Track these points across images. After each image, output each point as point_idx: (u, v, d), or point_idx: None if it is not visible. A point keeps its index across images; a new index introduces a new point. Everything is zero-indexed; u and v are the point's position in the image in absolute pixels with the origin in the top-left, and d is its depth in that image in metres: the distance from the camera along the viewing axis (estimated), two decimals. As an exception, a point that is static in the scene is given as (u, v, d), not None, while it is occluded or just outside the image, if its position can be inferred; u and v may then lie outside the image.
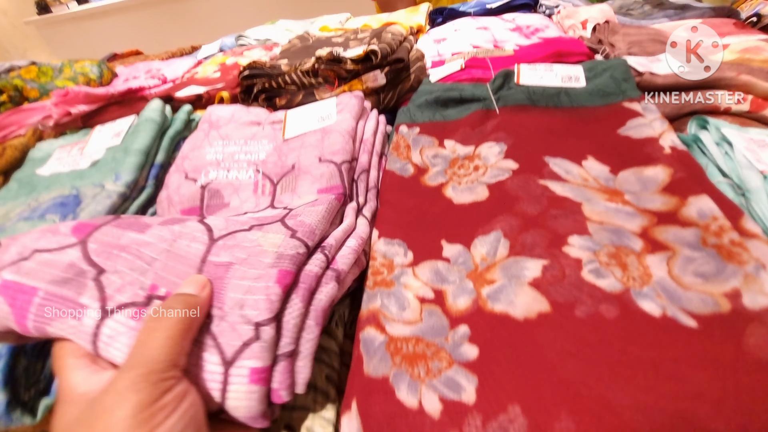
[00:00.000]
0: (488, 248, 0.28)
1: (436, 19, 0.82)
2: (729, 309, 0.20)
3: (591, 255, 0.25)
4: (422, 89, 0.45)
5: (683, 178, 0.27)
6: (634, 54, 0.49)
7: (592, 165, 0.31)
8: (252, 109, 0.45)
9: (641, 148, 0.31)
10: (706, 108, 0.40)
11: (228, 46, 0.87)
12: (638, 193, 0.28)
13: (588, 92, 0.37)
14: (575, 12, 0.71)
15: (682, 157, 0.30)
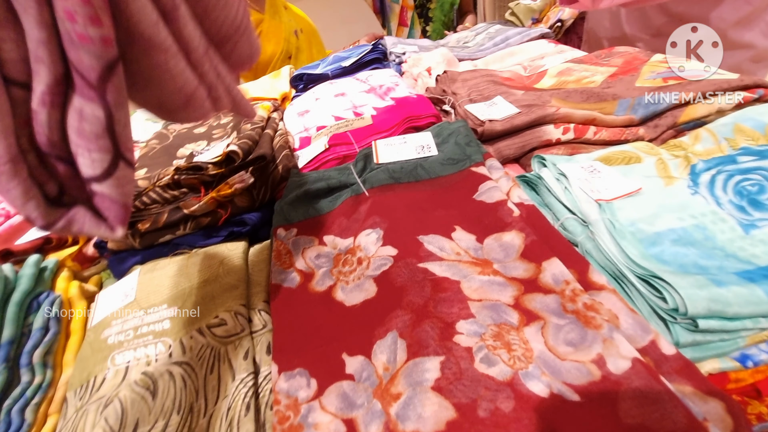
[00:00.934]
0: (388, 354, 0.28)
1: (298, 86, 0.83)
2: (600, 376, 0.23)
3: (478, 340, 0.27)
4: (291, 183, 0.45)
5: (534, 242, 0.30)
6: (474, 100, 0.55)
7: (461, 236, 0.33)
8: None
9: (495, 212, 0.34)
10: (542, 143, 0.46)
11: (78, 155, 0.78)
12: (503, 261, 0.30)
13: (440, 162, 0.40)
14: (419, 60, 0.77)
15: (530, 214, 0.33)
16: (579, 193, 0.37)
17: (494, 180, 0.37)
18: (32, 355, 0.38)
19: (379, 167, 0.41)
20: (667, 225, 0.35)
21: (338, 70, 0.83)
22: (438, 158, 0.41)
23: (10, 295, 0.40)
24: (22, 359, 0.38)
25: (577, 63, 0.65)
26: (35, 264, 0.43)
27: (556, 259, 0.28)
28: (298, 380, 0.28)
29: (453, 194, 0.37)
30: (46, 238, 0.47)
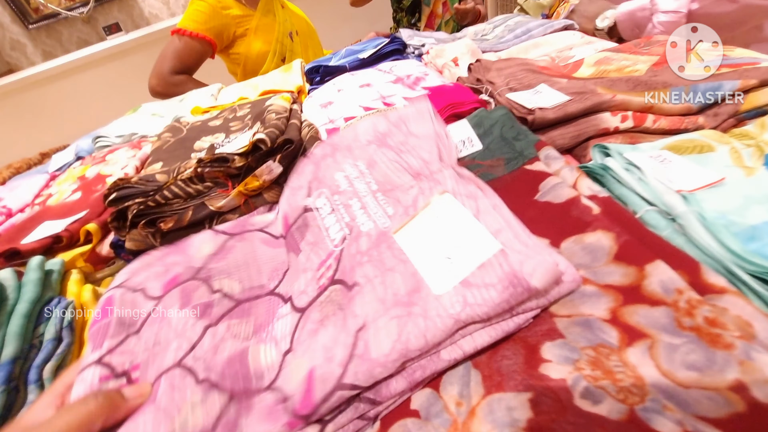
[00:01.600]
0: (460, 387, 0.24)
1: (314, 78, 0.79)
2: (744, 407, 0.19)
3: (572, 369, 0.22)
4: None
5: (629, 242, 0.26)
6: (514, 88, 0.51)
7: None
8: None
9: (569, 212, 0.30)
10: (599, 131, 0.43)
11: (85, 150, 0.74)
12: (591, 266, 0.26)
13: (488, 165, 0.36)
14: (442, 50, 0.74)
15: (609, 207, 0.29)
16: (657, 184, 0.34)
17: (555, 174, 0.33)
18: (42, 370, 0.34)
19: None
20: (761, 217, 0.31)
21: (356, 62, 0.79)
22: (485, 157, 0.37)
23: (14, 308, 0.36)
24: (30, 375, 0.33)
25: (615, 52, 0.62)
26: (39, 267, 0.38)
27: (661, 262, 0.24)
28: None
29: (510, 198, 0.33)
30: (55, 236, 0.43)
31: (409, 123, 0.34)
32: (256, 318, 0.30)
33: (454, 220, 0.27)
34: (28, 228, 0.49)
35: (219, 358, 0.27)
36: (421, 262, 0.26)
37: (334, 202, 0.33)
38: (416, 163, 0.31)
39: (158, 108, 0.91)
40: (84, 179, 0.59)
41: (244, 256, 0.34)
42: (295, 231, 0.33)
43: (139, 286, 0.33)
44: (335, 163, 0.34)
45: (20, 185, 0.66)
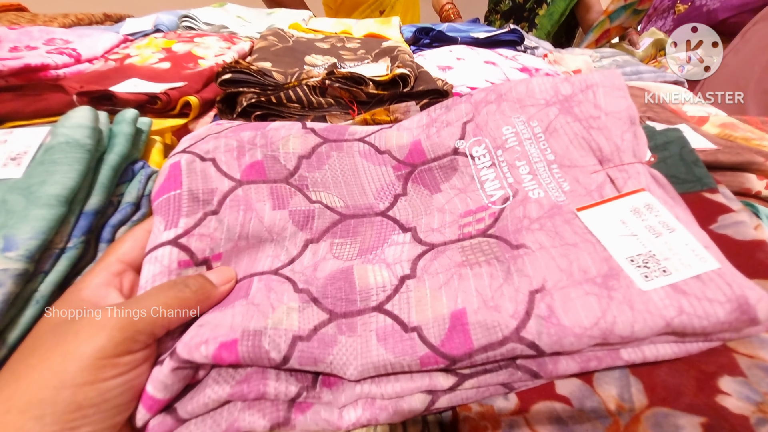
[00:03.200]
0: (619, 389, 0.21)
1: (423, 39, 0.75)
2: None
3: (755, 409, 0.20)
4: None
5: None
6: (652, 118, 0.48)
7: None
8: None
9: (753, 253, 0.27)
10: (741, 190, 0.40)
11: (166, 25, 0.69)
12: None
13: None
14: (562, 59, 0.71)
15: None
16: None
17: (737, 212, 0.30)
18: (117, 231, 0.30)
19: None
20: None
21: (468, 39, 0.75)
22: (659, 170, 0.34)
23: (103, 155, 0.32)
24: (104, 233, 0.30)
25: (741, 121, 0.60)
26: (133, 121, 0.34)
27: None
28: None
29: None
30: (153, 96, 0.38)
31: (598, 94, 0.29)
32: (363, 239, 0.26)
33: (657, 221, 0.24)
34: (113, 78, 0.44)
35: (320, 274, 0.24)
36: (616, 249, 0.23)
37: (496, 157, 0.29)
38: (607, 147, 0.27)
39: (244, 12, 0.85)
40: (171, 52, 0.54)
41: (343, 170, 0.29)
42: (437, 169, 0.29)
43: (208, 155, 0.27)
44: (501, 114, 0.30)
45: (91, 35, 0.60)
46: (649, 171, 0.26)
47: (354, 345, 0.20)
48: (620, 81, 0.29)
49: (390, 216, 0.27)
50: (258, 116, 0.38)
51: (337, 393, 0.20)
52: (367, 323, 0.21)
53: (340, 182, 0.29)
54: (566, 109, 0.28)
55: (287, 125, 0.31)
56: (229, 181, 0.27)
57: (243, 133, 0.30)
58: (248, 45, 0.58)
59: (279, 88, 0.38)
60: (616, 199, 0.25)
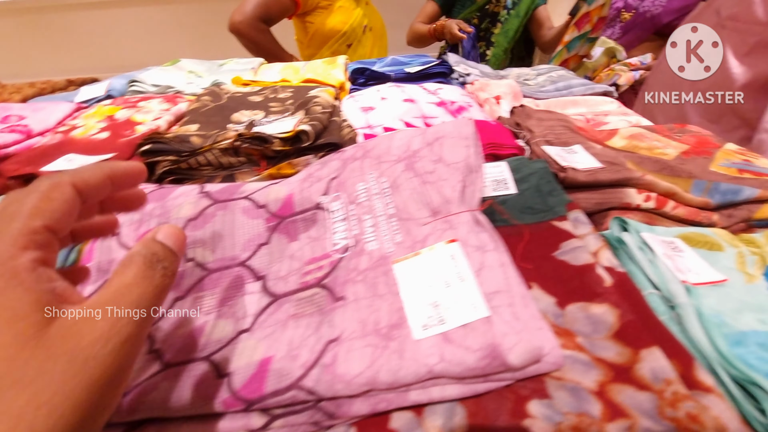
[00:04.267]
0: (443, 419, 0.24)
1: (358, 79, 0.81)
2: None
3: (554, 429, 0.23)
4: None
5: (632, 323, 0.27)
6: (551, 142, 0.53)
7: (539, 296, 0.30)
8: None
9: (581, 277, 0.31)
10: (621, 205, 0.44)
11: (117, 90, 0.74)
12: (590, 337, 0.27)
13: (519, 209, 0.37)
14: (487, 85, 0.76)
15: (623, 284, 0.31)
16: (665, 269, 0.35)
17: (579, 237, 0.34)
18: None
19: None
20: (750, 325, 0.33)
21: (402, 73, 0.80)
22: (516, 203, 0.38)
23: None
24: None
25: (649, 131, 0.64)
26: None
27: (657, 350, 0.26)
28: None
29: (529, 248, 0.34)
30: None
31: (444, 145, 0.33)
32: (221, 290, 0.30)
33: (454, 272, 0.27)
34: (51, 155, 0.49)
35: (180, 331, 0.28)
36: (410, 301, 0.26)
37: (349, 211, 0.33)
38: (437, 200, 0.31)
39: (197, 67, 0.91)
40: (113, 120, 0.59)
41: (223, 227, 0.33)
42: (300, 221, 0.33)
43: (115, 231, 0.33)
44: (360, 172, 0.34)
45: (45, 108, 0.66)
46: (474, 217, 0.30)
47: (169, 389, 0.24)
48: (467, 130, 0.34)
49: (248, 265, 0.31)
50: (172, 180, 0.42)
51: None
52: (190, 370, 0.25)
53: (216, 238, 0.33)
54: (410, 165, 0.33)
55: (187, 191, 0.36)
56: (124, 250, 0.32)
57: (148, 206, 0.35)
58: (186, 105, 0.63)
59: (193, 153, 0.43)
60: (426, 251, 0.28)
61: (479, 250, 0.28)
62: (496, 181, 0.40)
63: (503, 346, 0.23)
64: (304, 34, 1.31)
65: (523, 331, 0.24)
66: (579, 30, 1.35)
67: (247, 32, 1.13)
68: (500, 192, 0.39)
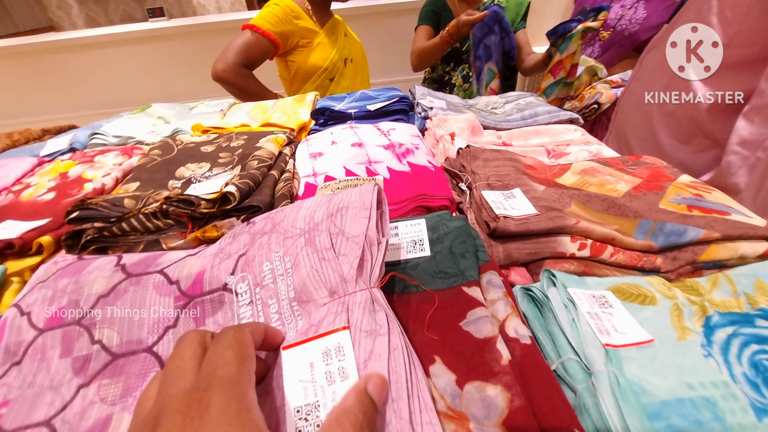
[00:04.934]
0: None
1: (319, 119, 0.81)
2: None
3: None
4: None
5: (519, 409, 0.26)
6: (492, 186, 0.52)
7: (440, 372, 0.29)
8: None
9: (482, 352, 0.30)
10: (555, 254, 0.43)
11: (80, 143, 0.76)
12: (481, 423, 0.26)
13: (430, 273, 0.36)
14: (444, 121, 0.76)
15: (525, 356, 0.29)
16: (587, 331, 0.34)
17: (486, 306, 0.33)
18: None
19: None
20: (675, 393, 0.31)
21: (362, 112, 0.81)
22: (428, 267, 0.37)
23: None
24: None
25: (603, 165, 0.63)
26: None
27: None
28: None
29: (437, 315, 0.33)
30: (7, 242, 0.43)
31: (347, 216, 0.32)
32: (126, 378, 0.30)
33: (338, 367, 0.25)
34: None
35: (83, 425, 0.27)
36: (292, 397, 0.25)
37: (255, 295, 0.32)
38: (334, 279, 0.29)
39: (166, 112, 0.93)
40: (65, 177, 0.60)
41: (132, 304, 0.33)
42: (207, 302, 0.33)
43: (27, 309, 0.33)
44: (267, 248, 0.33)
45: (7, 165, 0.67)
46: (371, 296, 0.29)
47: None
48: (369, 199, 0.33)
49: (154, 351, 0.31)
50: (96, 249, 0.42)
51: None
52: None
53: (125, 317, 0.32)
54: (310, 240, 0.32)
55: (103, 264, 0.36)
56: (34, 331, 0.32)
57: (61, 281, 0.35)
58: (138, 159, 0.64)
59: (120, 219, 0.43)
60: (316, 338, 0.27)
61: (370, 335, 0.26)
62: (413, 241, 0.39)
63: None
64: (287, 71, 1.33)
65: (402, 430, 0.23)
66: (554, 77, 1.39)
67: (231, 79, 1.15)
68: (415, 255, 0.38)
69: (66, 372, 0.30)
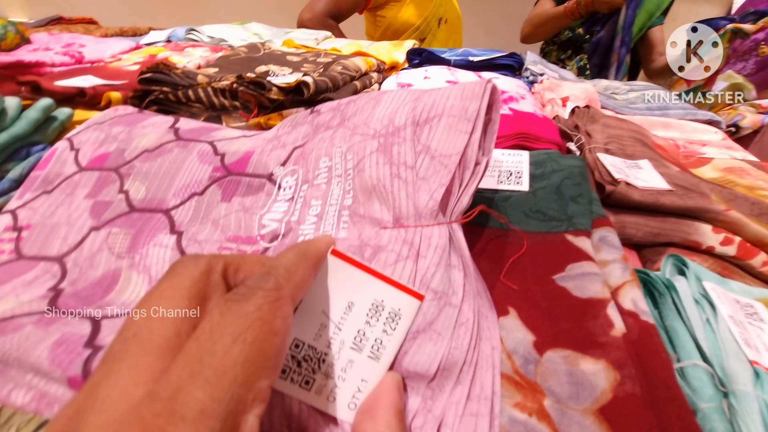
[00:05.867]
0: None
1: (413, 59, 0.74)
2: None
3: None
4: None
5: (630, 397, 0.17)
6: (611, 151, 0.42)
7: (512, 328, 0.21)
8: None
9: (584, 316, 0.21)
10: (686, 242, 0.33)
11: (177, 37, 0.76)
12: (565, 404, 0.18)
13: (524, 210, 0.28)
14: (558, 86, 0.65)
15: (643, 341, 0.20)
16: (727, 339, 0.24)
17: (596, 262, 0.24)
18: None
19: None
20: None
21: (463, 61, 0.72)
22: (522, 203, 0.29)
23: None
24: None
25: (756, 167, 0.49)
26: (42, 109, 0.37)
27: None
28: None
29: (523, 262, 0.25)
30: (80, 89, 0.42)
31: (436, 130, 0.24)
32: (136, 233, 0.26)
33: (378, 332, 0.17)
34: (76, 74, 0.49)
35: (92, 274, 0.24)
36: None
37: (299, 192, 0.26)
38: (405, 208, 0.21)
39: (263, 31, 0.91)
40: (152, 57, 0.59)
41: (170, 163, 0.29)
42: (244, 184, 0.27)
43: (77, 145, 0.32)
44: (330, 142, 0.27)
45: (108, 42, 0.69)
46: (452, 235, 0.21)
47: (32, 336, 0.19)
48: (474, 106, 0.24)
49: (170, 215, 0.26)
50: (158, 111, 0.39)
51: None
52: (70, 325, 0.20)
53: (158, 173, 0.28)
54: (385, 147, 0.24)
55: (158, 123, 0.33)
56: (76, 167, 0.30)
57: (115, 128, 0.33)
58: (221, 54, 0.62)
59: (187, 87, 0.40)
60: (379, 276, 0.18)
61: (439, 300, 0.19)
62: (508, 172, 0.31)
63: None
64: (374, 28, 1.26)
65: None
66: (689, 84, 1.17)
67: (316, 29, 1.12)
68: (507, 186, 0.30)
69: (84, 212, 0.27)
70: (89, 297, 0.22)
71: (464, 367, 0.17)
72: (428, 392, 0.17)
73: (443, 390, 0.17)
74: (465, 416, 0.16)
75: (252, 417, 0.11)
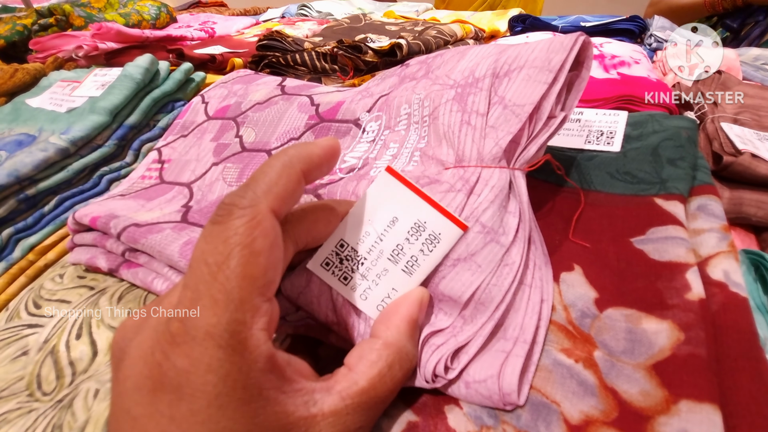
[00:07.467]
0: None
1: (516, 27, 0.70)
2: None
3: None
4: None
5: (692, 356, 0.16)
6: (741, 122, 0.36)
7: (575, 283, 0.20)
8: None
9: (656, 278, 0.20)
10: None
11: (290, 13, 0.83)
12: (617, 356, 0.17)
13: (610, 171, 0.26)
14: (687, 52, 0.57)
15: (727, 307, 0.18)
16: None
17: (686, 228, 0.22)
18: (143, 146, 0.41)
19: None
20: None
21: (572, 27, 0.67)
22: (609, 164, 0.26)
23: (152, 90, 0.43)
24: (135, 143, 0.41)
25: None
26: (185, 72, 0.45)
27: (711, 409, 0.14)
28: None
29: (601, 224, 0.24)
30: (211, 56, 0.49)
31: (515, 81, 0.23)
32: (243, 166, 0.31)
33: (416, 250, 0.19)
34: (208, 44, 0.57)
35: (209, 197, 0.29)
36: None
37: (380, 135, 0.28)
38: (469, 152, 0.22)
39: (367, 5, 0.94)
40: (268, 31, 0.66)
41: (276, 113, 0.34)
42: (334, 129, 0.30)
43: (207, 99, 0.38)
44: (412, 90, 0.28)
45: (233, 20, 0.78)
46: (513, 180, 0.20)
47: (170, 237, 0.24)
48: (559, 58, 0.22)
49: (271, 153, 0.31)
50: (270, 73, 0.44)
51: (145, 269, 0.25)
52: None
53: (266, 122, 0.33)
54: (461, 95, 0.24)
55: (268, 81, 0.38)
56: (205, 116, 0.36)
57: (236, 85, 0.39)
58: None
59: (294, 52, 0.44)
60: (424, 198, 0.19)
61: (486, 235, 0.19)
62: (599, 131, 0.29)
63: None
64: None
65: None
66: None
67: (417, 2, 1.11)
68: (596, 147, 0.28)
69: (208, 152, 0.33)
70: (208, 213, 0.28)
71: (500, 305, 0.18)
72: (459, 320, 0.18)
73: (474, 322, 0.18)
74: (492, 351, 0.17)
75: (257, 331, 0.12)
